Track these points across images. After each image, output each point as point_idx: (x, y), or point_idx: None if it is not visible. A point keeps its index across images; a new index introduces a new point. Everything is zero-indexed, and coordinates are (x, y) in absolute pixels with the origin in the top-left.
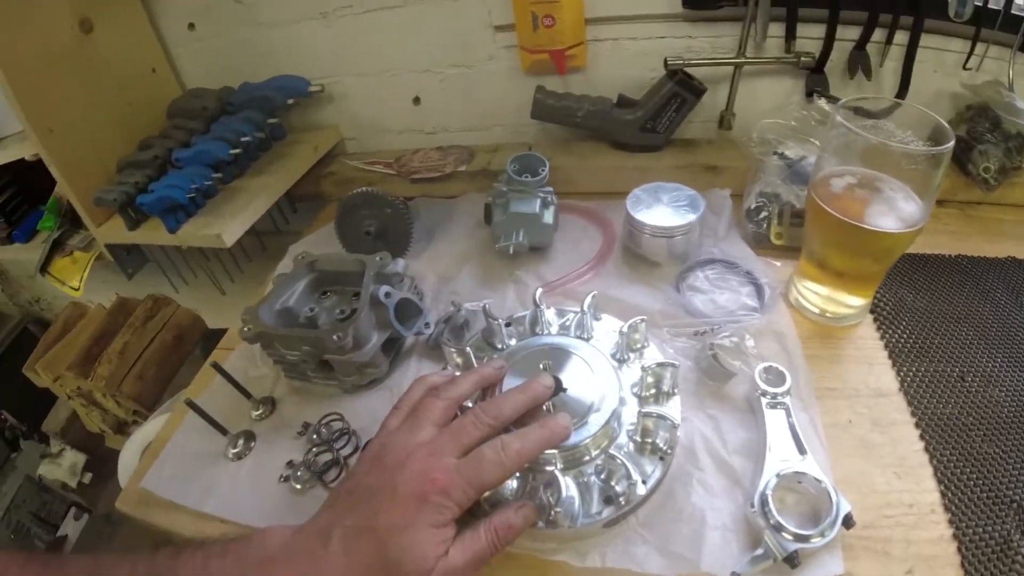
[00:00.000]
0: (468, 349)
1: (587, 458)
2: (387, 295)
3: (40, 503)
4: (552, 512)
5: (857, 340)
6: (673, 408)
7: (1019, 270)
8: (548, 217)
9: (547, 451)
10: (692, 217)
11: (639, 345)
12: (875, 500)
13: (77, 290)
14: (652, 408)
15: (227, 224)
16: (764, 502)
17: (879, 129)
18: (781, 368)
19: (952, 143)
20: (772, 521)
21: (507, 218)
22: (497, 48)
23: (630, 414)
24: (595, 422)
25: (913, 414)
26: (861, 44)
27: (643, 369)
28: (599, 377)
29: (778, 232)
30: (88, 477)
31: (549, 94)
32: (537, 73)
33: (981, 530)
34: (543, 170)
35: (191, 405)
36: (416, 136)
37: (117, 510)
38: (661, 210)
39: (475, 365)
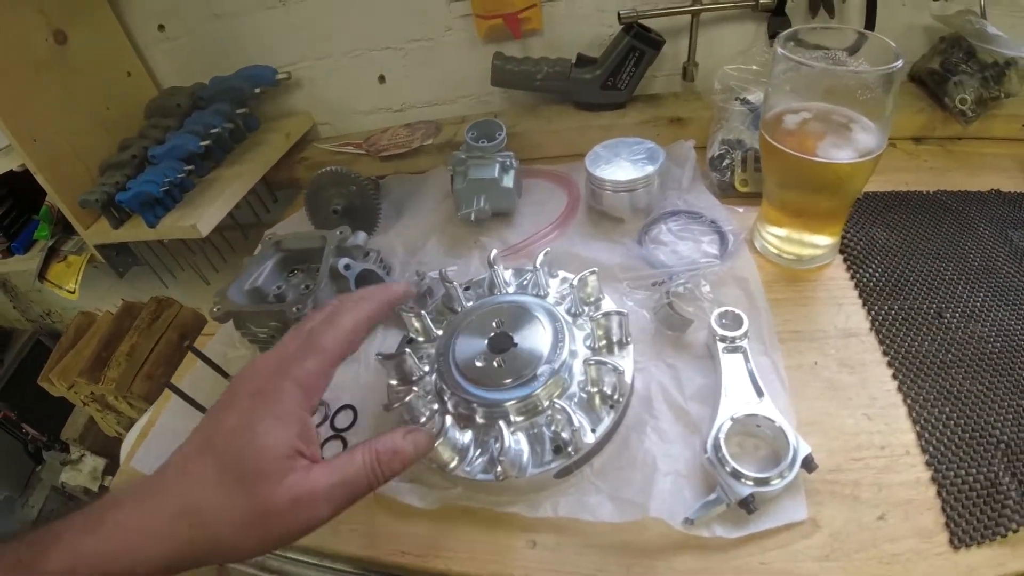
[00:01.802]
0: (424, 313)
1: (539, 409)
2: (347, 267)
3: (69, 512)
4: (498, 464)
5: (826, 281)
6: (625, 357)
7: (1003, 203)
8: (507, 181)
9: (492, 398)
10: (651, 169)
11: (592, 298)
12: (843, 443)
13: (73, 293)
14: (597, 357)
15: (202, 214)
16: (717, 446)
17: (829, 59)
18: (738, 312)
19: (900, 62)
20: (727, 467)
21: (467, 185)
22: (453, 18)
23: (581, 366)
24: (544, 373)
25: (885, 353)
26: None
27: (591, 320)
28: (550, 331)
29: (743, 179)
30: (109, 480)
31: (508, 59)
32: (495, 40)
33: (964, 472)
34: (500, 134)
35: (172, 388)
36: (385, 115)
37: None
38: (621, 165)
39: (432, 329)
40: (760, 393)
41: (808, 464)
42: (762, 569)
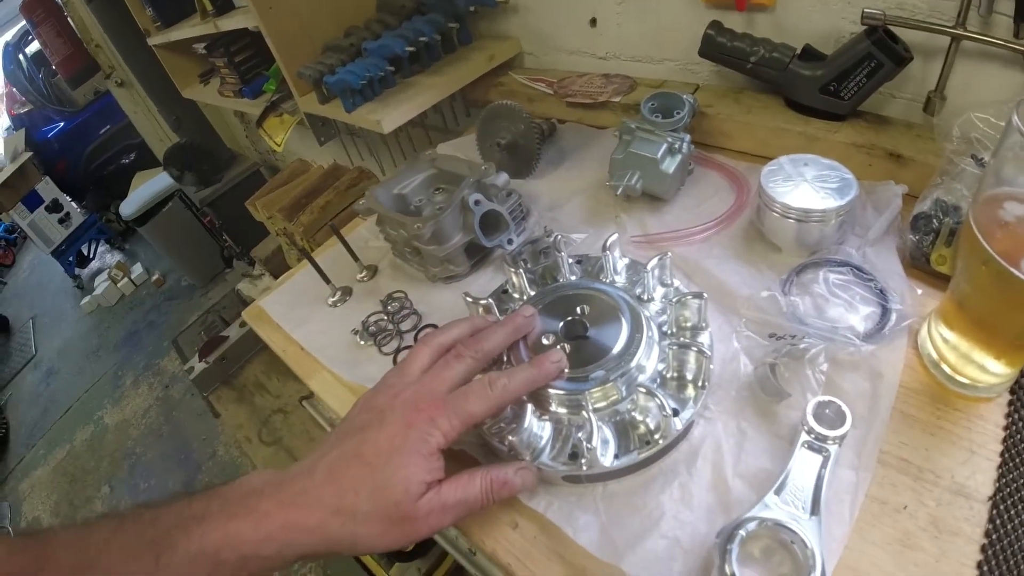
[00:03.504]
0: (522, 272)
1: (577, 409)
2: (476, 203)
3: (235, 312)
4: (507, 440)
5: (974, 419)
6: (686, 400)
7: None
8: (669, 165)
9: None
10: (834, 204)
11: (690, 324)
12: None
13: (279, 146)
14: (652, 387)
15: (389, 114)
16: (729, 539)
17: None
18: (844, 409)
19: None
20: (727, 569)
21: (625, 157)
22: None
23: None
24: (596, 379)
25: (987, 534)
26: None
27: (670, 346)
28: (626, 340)
29: (941, 255)
30: None
31: (723, 31)
32: (719, 6)
33: None
34: (679, 113)
35: (307, 256)
36: (588, 59)
37: None
38: (802, 187)
39: (527, 288)
40: (815, 511)
41: None
42: None
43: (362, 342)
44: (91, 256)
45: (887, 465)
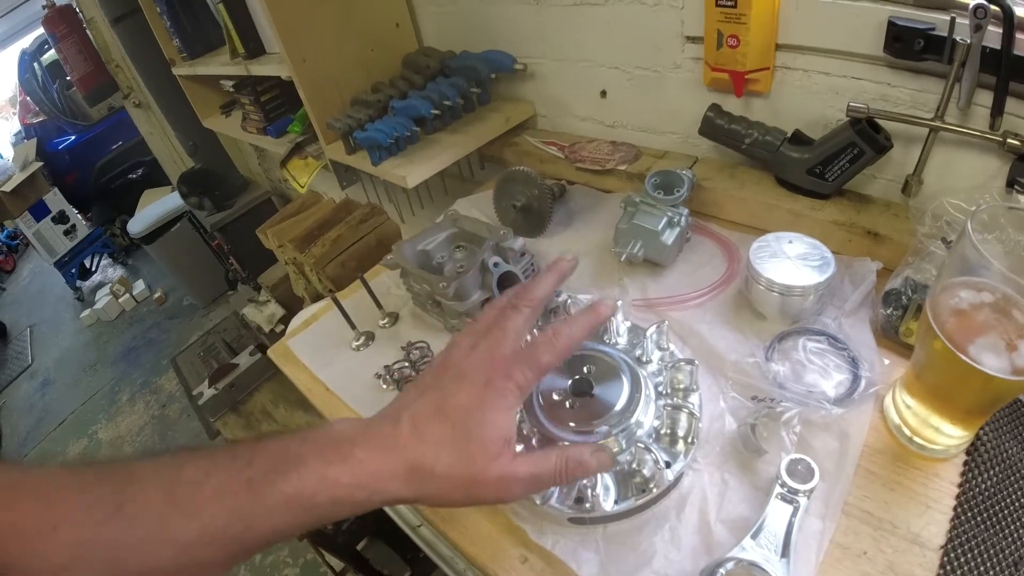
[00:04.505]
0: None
1: None
2: (495, 264)
3: (236, 335)
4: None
5: (931, 476)
6: (678, 454)
7: None
8: (669, 237)
9: (550, 431)
10: (815, 280)
11: (683, 386)
12: None
13: (303, 187)
14: (648, 443)
15: (413, 170)
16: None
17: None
18: (812, 465)
19: None
20: None
21: (629, 227)
22: (684, 58)
23: (637, 436)
24: (600, 433)
25: None
26: None
27: (666, 407)
28: (626, 398)
29: (909, 328)
30: (280, 327)
31: (721, 114)
32: (719, 90)
33: None
34: (679, 191)
35: (334, 300)
36: (597, 126)
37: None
38: (786, 264)
39: None
40: (786, 553)
41: None
42: None
43: (385, 386)
44: (93, 269)
45: (850, 515)
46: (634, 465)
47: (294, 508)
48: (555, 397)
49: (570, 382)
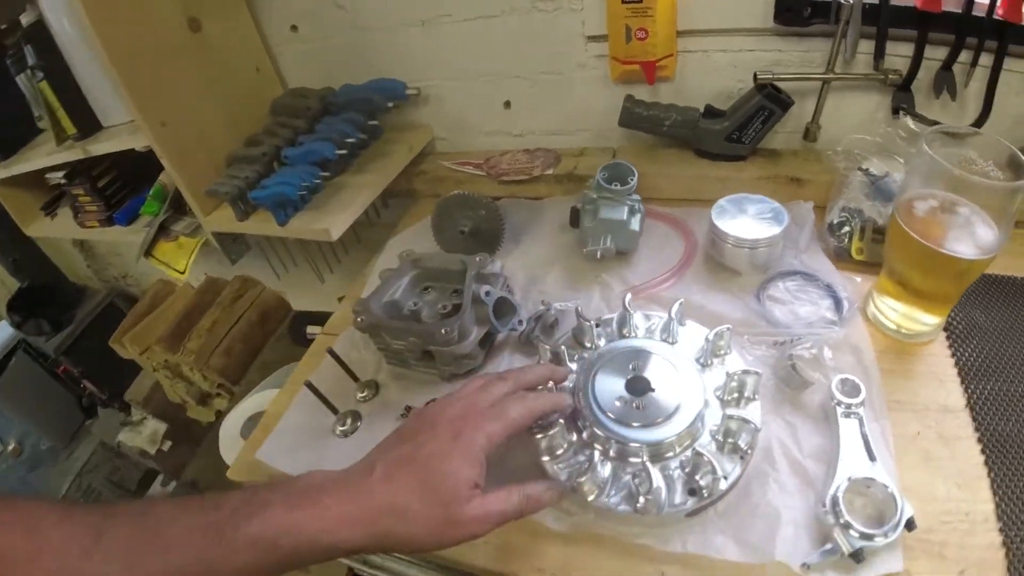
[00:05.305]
0: (562, 346)
1: (670, 454)
2: (487, 294)
3: (112, 468)
4: (641, 499)
5: (929, 357)
6: (754, 412)
7: None
8: (635, 224)
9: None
10: (776, 230)
11: (723, 352)
12: (935, 507)
13: (183, 273)
14: (735, 411)
15: (334, 219)
16: (835, 503)
17: (962, 156)
18: (856, 380)
19: None
20: (842, 520)
21: (596, 224)
22: (588, 57)
23: (712, 415)
24: (680, 421)
25: (976, 430)
26: (947, 65)
27: (728, 375)
28: (684, 379)
29: (859, 247)
30: (167, 445)
31: (638, 103)
32: (626, 82)
33: None
34: (632, 179)
35: (310, 386)
36: (505, 138)
37: (203, 477)
38: (745, 221)
39: (567, 362)
40: (873, 458)
41: (910, 525)
42: None
43: None
44: None
45: (893, 410)
46: (720, 437)
47: (257, 550)
48: (618, 404)
49: (623, 383)
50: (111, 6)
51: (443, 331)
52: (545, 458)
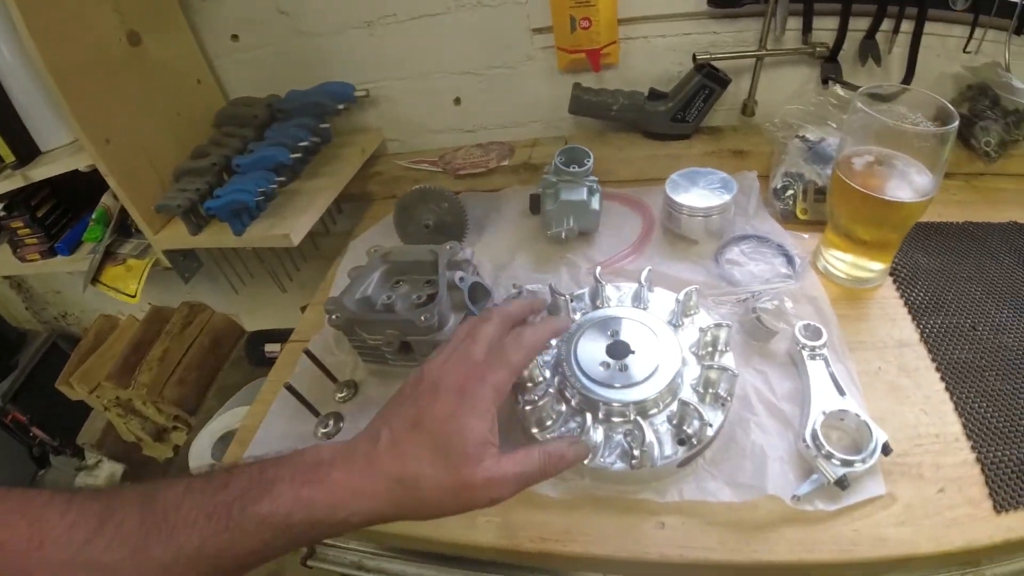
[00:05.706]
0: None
1: (655, 411)
2: (461, 279)
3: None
4: (636, 453)
5: (880, 300)
6: (729, 361)
7: (1021, 234)
8: (595, 203)
9: (618, 398)
10: (726, 198)
11: (692, 311)
12: (906, 432)
13: (134, 297)
14: (712, 362)
15: (293, 224)
16: (815, 436)
17: (892, 112)
18: (817, 325)
19: (956, 122)
20: (823, 451)
21: (558, 206)
22: (535, 49)
23: (691, 370)
24: (662, 377)
25: (933, 360)
26: (871, 33)
27: (701, 330)
28: (660, 339)
29: (803, 208)
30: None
31: (586, 90)
32: (573, 71)
33: (1001, 453)
34: (588, 161)
35: (290, 389)
36: (457, 135)
37: None
38: (697, 192)
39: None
40: (842, 392)
41: (886, 449)
42: (854, 536)
43: None
44: None
45: (854, 349)
46: (700, 388)
47: (269, 529)
48: (602, 369)
49: (604, 349)
50: (50, 22)
51: (423, 318)
52: (535, 430)
